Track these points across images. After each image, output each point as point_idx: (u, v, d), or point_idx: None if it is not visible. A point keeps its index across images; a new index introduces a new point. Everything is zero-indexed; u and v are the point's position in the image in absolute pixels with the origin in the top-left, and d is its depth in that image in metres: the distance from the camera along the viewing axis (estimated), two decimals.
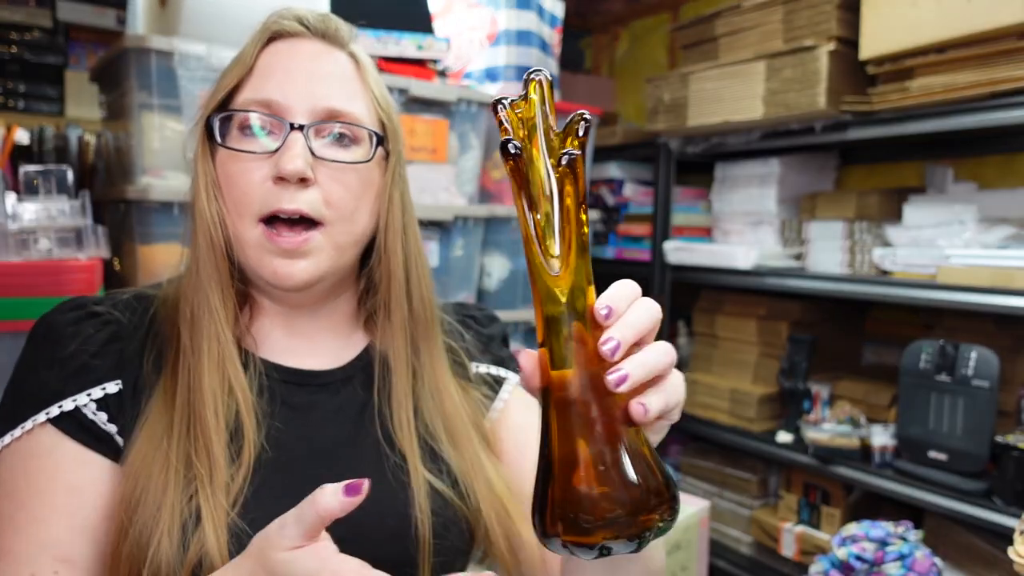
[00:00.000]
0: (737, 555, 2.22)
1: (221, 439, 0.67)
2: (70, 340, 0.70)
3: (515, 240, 1.89)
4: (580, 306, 0.46)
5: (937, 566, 1.34)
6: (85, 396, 0.67)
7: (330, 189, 0.71)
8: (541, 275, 0.45)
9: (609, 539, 0.43)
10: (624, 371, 0.44)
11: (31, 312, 1.12)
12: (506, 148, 0.46)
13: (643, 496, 0.43)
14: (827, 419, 1.94)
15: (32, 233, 1.16)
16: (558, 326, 0.45)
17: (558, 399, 0.45)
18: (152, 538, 0.62)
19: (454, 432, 0.77)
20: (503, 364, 0.88)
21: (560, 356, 0.45)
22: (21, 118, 2.35)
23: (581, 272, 0.46)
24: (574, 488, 0.43)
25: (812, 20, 1.84)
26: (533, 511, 0.46)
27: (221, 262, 0.71)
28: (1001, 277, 1.53)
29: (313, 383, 0.76)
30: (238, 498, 0.65)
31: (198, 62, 1.30)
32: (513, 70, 1.93)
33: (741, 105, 1.96)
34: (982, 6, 1.50)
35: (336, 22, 0.76)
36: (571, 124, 0.48)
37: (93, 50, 2.58)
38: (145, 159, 1.32)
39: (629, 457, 0.44)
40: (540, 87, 0.49)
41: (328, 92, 0.72)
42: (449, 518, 0.73)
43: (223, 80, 0.73)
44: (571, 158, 0.46)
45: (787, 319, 2.16)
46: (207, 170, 0.72)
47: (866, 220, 1.90)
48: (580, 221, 0.46)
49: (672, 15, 2.83)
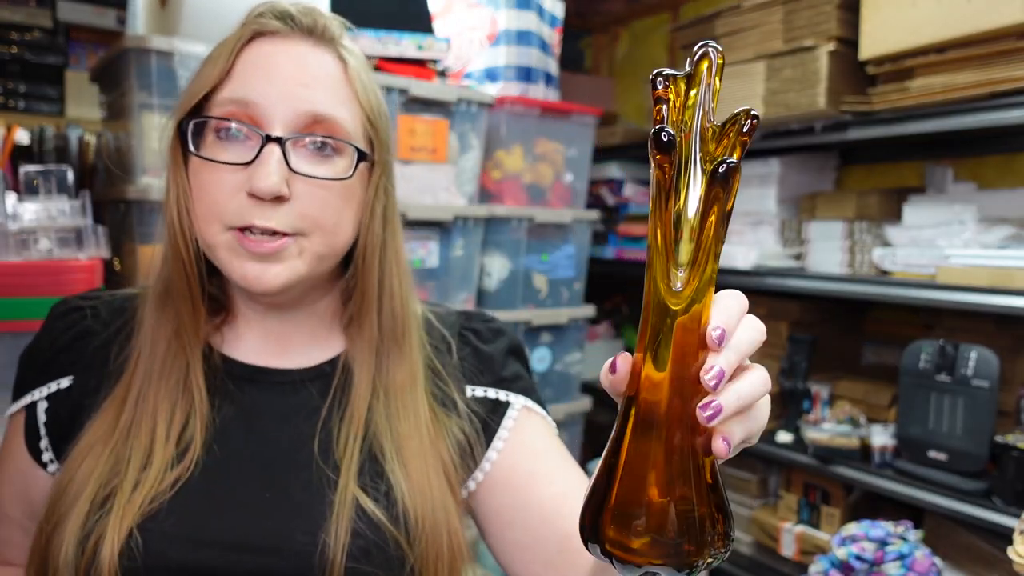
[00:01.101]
0: (737, 555, 2.22)
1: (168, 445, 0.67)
2: (45, 335, 0.76)
3: (515, 240, 1.90)
4: (691, 324, 0.41)
5: (937, 566, 1.34)
6: (38, 392, 0.74)
7: (307, 204, 0.67)
8: (658, 285, 0.41)
9: (656, 563, 0.41)
10: (717, 404, 0.41)
11: (31, 312, 1.12)
12: (659, 137, 0.39)
13: (701, 527, 0.41)
14: (827, 419, 1.94)
15: (32, 233, 1.16)
16: (663, 340, 0.41)
17: (642, 411, 0.42)
18: (57, 535, 0.64)
19: (405, 454, 0.72)
20: (505, 386, 0.81)
21: (657, 367, 0.41)
22: (21, 118, 2.36)
23: (705, 292, 0.41)
24: (634, 503, 0.41)
25: (812, 20, 1.84)
26: (584, 510, 0.43)
27: (190, 267, 0.70)
28: (1001, 277, 1.53)
29: (265, 380, 0.74)
30: (159, 502, 0.65)
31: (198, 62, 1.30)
32: (513, 70, 1.93)
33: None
34: (982, 6, 1.50)
35: (324, 18, 0.72)
36: (734, 119, 0.41)
37: (93, 50, 2.58)
38: (145, 159, 1.33)
39: (697, 486, 0.41)
40: (711, 65, 0.41)
41: (311, 96, 0.67)
42: (374, 542, 0.67)
43: (198, 81, 0.69)
44: (729, 168, 0.39)
45: (787, 319, 2.16)
46: (179, 178, 0.69)
47: (866, 220, 1.90)
48: (719, 238, 0.41)
49: (672, 15, 2.83)
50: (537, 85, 1.97)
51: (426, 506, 0.70)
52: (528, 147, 1.92)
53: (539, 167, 1.96)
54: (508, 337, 0.84)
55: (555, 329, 2.02)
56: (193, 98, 0.68)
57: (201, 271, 0.71)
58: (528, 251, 1.93)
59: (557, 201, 2.02)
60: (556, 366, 2.04)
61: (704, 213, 0.40)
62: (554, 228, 2.00)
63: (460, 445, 0.76)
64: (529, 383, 0.83)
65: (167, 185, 0.71)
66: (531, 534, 0.75)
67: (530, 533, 0.75)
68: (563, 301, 2.04)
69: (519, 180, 1.92)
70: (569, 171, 2.04)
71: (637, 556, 0.41)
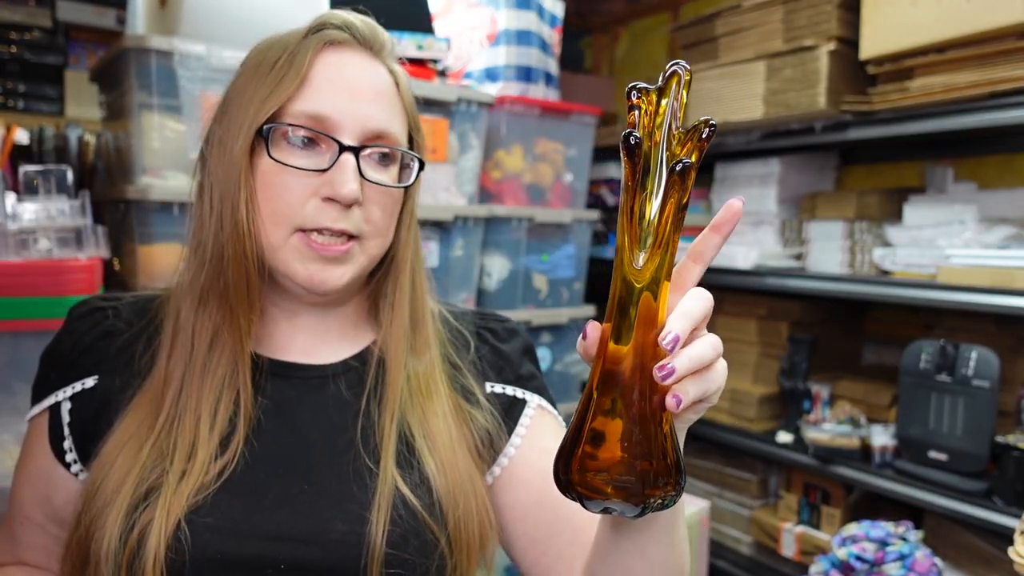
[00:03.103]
0: (737, 555, 2.22)
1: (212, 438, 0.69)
2: (67, 335, 0.77)
3: (515, 240, 1.89)
4: (651, 297, 0.49)
5: (937, 566, 1.34)
6: (62, 393, 0.75)
7: (371, 209, 0.73)
8: (624, 263, 0.49)
9: (617, 500, 0.49)
10: (671, 366, 0.48)
11: (31, 312, 1.12)
12: (627, 140, 0.48)
13: (655, 472, 0.49)
14: (827, 419, 1.94)
15: (32, 233, 1.16)
16: (626, 310, 0.49)
17: (607, 371, 0.50)
18: (98, 528, 0.65)
19: (435, 441, 0.75)
20: (522, 384, 0.84)
21: (620, 336, 0.49)
22: (21, 118, 2.36)
23: (662, 270, 0.49)
24: (600, 450, 0.49)
25: (812, 20, 1.84)
26: (558, 458, 0.51)
27: (252, 271, 0.72)
28: (1001, 277, 1.53)
29: (297, 376, 0.76)
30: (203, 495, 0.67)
31: (198, 62, 1.30)
32: (513, 70, 1.93)
33: (741, 105, 1.96)
34: (982, 6, 1.50)
35: (378, 31, 0.77)
36: (695, 127, 0.49)
37: (93, 50, 2.58)
38: (145, 159, 1.32)
39: (653, 436, 0.49)
40: (680, 80, 0.49)
41: (374, 112, 0.73)
42: (411, 528, 0.70)
43: (270, 86, 0.71)
44: (685, 167, 0.47)
45: (787, 319, 2.16)
46: (249, 182, 0.71)
47: (866, 220, 1.90)
48: (676, 226, 0.49)
49: (672, 15, 2.83)
50: (537, 85, 1.97)
51: (457, 492, 0.73)
52: (528, 147, 1.92)
53: (539, 167, 1.96)
54: (523, 337, 0.88)
55: (555, 329, 2.02)
56: (273, 105, 0.70)
57: (262, 272, 0.73)
58: (528, 251, 1.93)
59: (557, 201, 2.02)
60: (556, 366, 2.03)
61: (664, 204, 0.48)
62: (554, 228, 1.99)
63: (485, 434, 0.79)
64: (542, 383, 0.86)
65: (230, 189, 0.71)
66: (543, 529, 0.78)
67: (542, 528, 0.78)
68: (563, 301, 2.04)
69: (519, 180, 1.92)
70: (569, 171, 2.04)
71: (600, 495, 0.49)
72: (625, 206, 0.49)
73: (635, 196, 0.49)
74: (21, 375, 1.16)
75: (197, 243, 0.74)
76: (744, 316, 2.25)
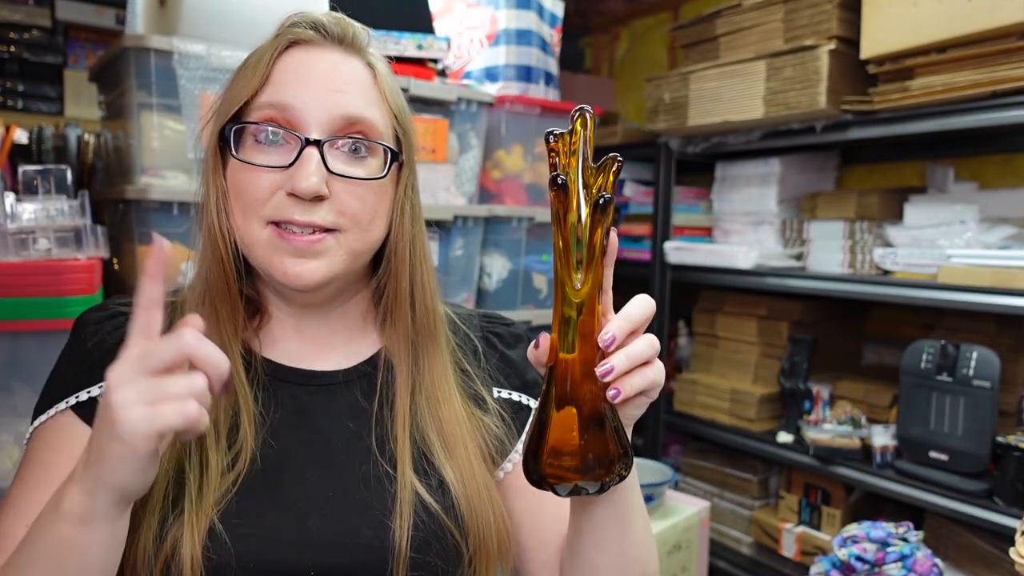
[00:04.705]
0: (737, 555, 2.22)
1: (219, 447, 0.69)
2: (91, 338, 0.75)
3: (515, 240, 1.89)
4: (589, 311, 0.57)
5: (938, 567, 1.34)
6: (96, 389, 0.72)
7: (344, 202, 0.71)
8: (564, 284, 0.57)
9: (581, 481, 0.57)
10: (610, 364, 0.56)
11: (31, 312, 1.12)
12: (555, 181, 0.56)
13: (608, 455, 0.57)
14: (827, 419, 1.94)
15: (31, 233, 1.16)
16: (569, 323, 0.57)
17: (559, 376, 0.58)
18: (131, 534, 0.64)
19: (450, 444, 0.75)
20: (528, 391, 0.85)
21: (566, 345, 0.57)
22: (20, 118, 2.36)
23: (596, 287, 0.57)
24: (561, 443, 0.57)
25: (812, 19, 1.84)
26: (526, 456, 0.59)
27: (228, 268, 0.72)
28: (1002, 277, 1.53)
29: (312, 383, 0.76)
30: (225, 502, 0.66)
31: (198, 61, 1.30)
32: (513, 70, 1.92)
33: (741, 105, 1.96)
34: (982, 6, 1.50)
35: (353, 27, 0.75)
36: (606, 162, 0.57)
37: (92, 50, 2.58)
38: (144, 159, 1.32)
39: (604, 426, 0.57)
40: (585, 123, 0.58)
41: (345, 99, 0.71)
42: (433, 532, 0.70)
43: (237, 88, 0.72)
44: (606, 200, 0.55)
45: (787, 319, 2.16)
46: (218, 182, 0.72)
47: (867, 220, 1.90)
48: (604, 249, 0.57)
49: (672, 15, 2.83)
50: (537, 85, 1.96)
51: (474, 495, 0.73)
52: (528, 147, 1.92)
53: (539, 167, 1.96)
54: (527, 343, 0.88)
55: None
56: (234, 105, 0.71)
57: (240, 272, 0.74)
58: (528, 251, 1.93)
59: None
60: None
61: (591, 231, 0.56)
62: None
63: (496, 441, 0.79)
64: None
65: (205, 189, 0.73)
66: (536, 537, 0.79)
67: (535, 536, 0.79)
68: None
69: (519, 180, 1.92)
70: None
71: (567, 480, 0.57)
72: (557, 237, 0.57)
73: (566, 227, 0.56)
74: (20, 375, 1.16)
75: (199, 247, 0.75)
76: (744, 316, 2.25)
